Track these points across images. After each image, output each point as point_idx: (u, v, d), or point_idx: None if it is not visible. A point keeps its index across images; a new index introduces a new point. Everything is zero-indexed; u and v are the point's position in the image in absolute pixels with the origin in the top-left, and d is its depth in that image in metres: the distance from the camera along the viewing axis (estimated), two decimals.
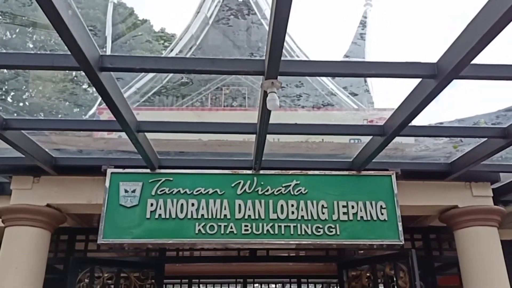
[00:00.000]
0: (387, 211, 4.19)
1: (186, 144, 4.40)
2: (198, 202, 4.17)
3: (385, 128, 3.49)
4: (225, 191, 4.23)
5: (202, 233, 4.09)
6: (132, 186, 4.15)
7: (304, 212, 4.19)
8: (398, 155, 4.33)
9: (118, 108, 2.91)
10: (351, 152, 4.32)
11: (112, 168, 4.19)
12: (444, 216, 4.52)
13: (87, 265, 4.52)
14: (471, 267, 4.23)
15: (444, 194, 4.46)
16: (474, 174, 4.40)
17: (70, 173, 4.28)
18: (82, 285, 4.43)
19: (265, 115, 3.06)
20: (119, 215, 4.07)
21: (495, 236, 4.30)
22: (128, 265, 4.85)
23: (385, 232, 4.14)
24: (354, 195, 4.24)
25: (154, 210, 4.11)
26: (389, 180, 4.27)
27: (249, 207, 4.20)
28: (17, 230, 4.09)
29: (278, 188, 4.27)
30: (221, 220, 4.14)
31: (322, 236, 4.14)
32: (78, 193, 4.28)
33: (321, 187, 4.28)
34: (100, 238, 3.99)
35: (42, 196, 4.23)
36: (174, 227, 4.08)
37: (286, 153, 4.50)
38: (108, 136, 4.29)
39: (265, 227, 4.14)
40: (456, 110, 27.75)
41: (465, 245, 4.33)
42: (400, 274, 4.40)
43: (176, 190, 4.19)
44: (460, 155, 4.13)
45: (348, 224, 4.16)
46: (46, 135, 4.03)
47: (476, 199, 4.42)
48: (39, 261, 4.10)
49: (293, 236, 4.14)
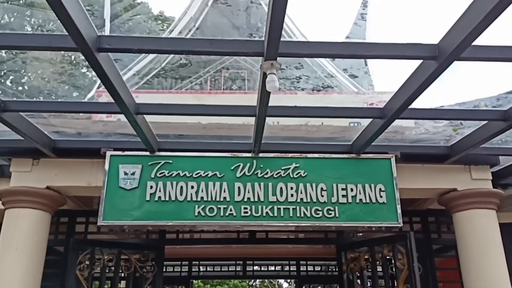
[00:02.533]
0: (386, 194, 4.20)
1: (186, 127, 4.39)
2: (198, 184, 4.18)
3: (385, 110, 3.48)
4: (225, 173, 4.24)
5: (202, 215, 4.11)
6: (132, 168, 4.15)
7: (303, 195, 4.21)
8: (398, 138, 4.32)
9: (117, 90, 2.89)
10: (351, 135, 4.32)
11: (112, 150, 4.18)
12: (443, 199, 4.54)
13: (87, 247, 4.55)
14: (469, 249, 4.27)
15: (443, 177, 4.47)
16: (474, 157, 4.41)
17: (70, 155, 4.28)
18: (83, 267, 4.46)
19: (264, 97, 3.04)
20: (119, 197, 4.08)
21: (494, 218, 4.33)
22: (128, 247, 4.89)
23: (384, 214, 4.16)
24: (353, 178, 4.25)
25: (154, 193, 4.12)
26: (389, 163, 4.28)
27: (249, 189, 4.21)
28: (17, 212, 4.11)
29: (278, 171, 4.27)
30: (220, 202, 4.16)
31: (321, 219, 4.16)
32: (77, 175, 4.29)
33: (321, 170, 4.29)
34: (100, 220, 4.01)
35: (42, 179, 4.24)
36: (174, 209, 4.10)
37: (286, 136, 4.49)
38: (107, 119, 4.28)
39: (264, 210, 4.16)
40: (456, 94, 27.61)
41: (464, 228, 4.36)
42: (398, 256, 4.44)
43: (176, 173, 4.19)
44: (460, 138, 4.12)
45: (347, 207, 4.18)
46: (45, 118, 4.02)
47: (475, 182, 4.43)
48: (39, 242, 4.12)
49: (292, 219, 4.16)
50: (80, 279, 4.41)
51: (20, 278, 3.92)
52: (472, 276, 4.21)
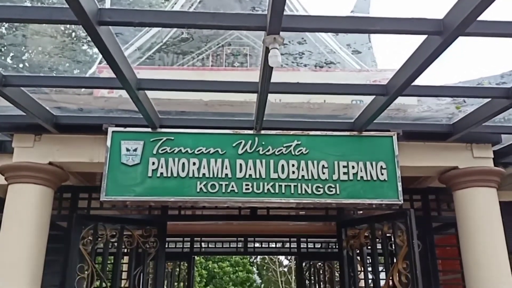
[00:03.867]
0: (387, 171, 4.22)
1: (187, 103, 4.39)
2: (200, 161, 4.20)
3: (388, 87, 3.46)
4: (226, 150, 4.25)
5: (204, 192, 4.14)
6: (134, 144, 4.16)
7: (305, 172, 4.22)
8: (400, 116, 4.31)
9: (118, 64, 2.87)
10: (353, 113, 4.31)
11: (113, 126, 4.18)
12: (444, 177, 4.55)
13: (90, 222, 4.60)
14: (469, 227, 4.30)
15: (444, 155, 4.47)
16: (476, 135, 4.40)
17: (72, 131, 4.29)
18: (86, 242, 4.52)
19: (266, 73, 3.02)
20: (121, 173, 4.10)
21: (494, 197, 4.35)
22: (130, 223, 4.94)
23: (384, 192, 4.18)
24: (354, 156, 4.26)
25: (156, 169, 4.14)
26: (390, 140, 4.28)
27: (250, 166, 4.23)
28: (20, 188, 4.14)
29: (279, 148, 4.28)
30: (222, 179, 4.18)
31: (322, 196, 4.19)
32: (79, 151, 4.30)
33: (322, 148, 4.29)
34: (103, 196, 4.04)
35: (44, 154, 4.26)
36: (176, 186, 4.13)
37: (288, 113, 4.49)
38: (109, 95, 4.26)
39: (265, 186, 4.18)
40: (460, 73, 27.32)
41: (464, 205, 4.38)
42: (398, 233, 4.48)
43: (178, 149, 4.20)
44: (462, 116, 4.11)
45: (348, 184, 4.20)
46: (47, 93, 4.01)
47: (477, 160, 4.44)
48: (42, 217, 4.17)
49: (293, 195, 4.18)
50: (84, 253, 4.47)
51: (24, 252, 3.98)
52: (471, 253, 4.25)
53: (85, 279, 4.49)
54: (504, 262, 4.18)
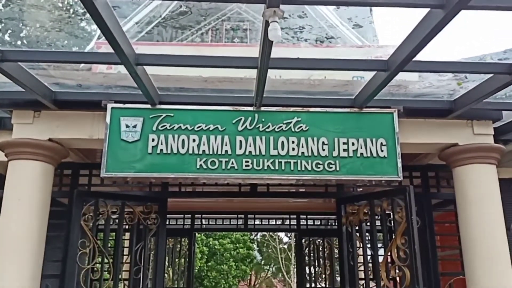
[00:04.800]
0: (387, 148, 4.22)
1: (187, 80, 4.34)
2: (199, 138, 4.19)
3: (389, 62, 3.43)
4: (226, 127, 4.24)
5: (204, 168, 4.15)
6: (133, 121, 4.15)
7: (305, 149, 4.22)
8: (401, 92, 4.28)
9: (116, 39, 2.84)
10: (354, 89, 4.28)
11: (112, 103, 4.17)
12: (444, 154, 4.55)
13: (91, 198, 4.62)
14: (468, 203, 4.32)
15: (445, 132, 4.46)
16: (477, 112, 4.38)
17: (71, 107, 4.27)
18: (87, 217, 4.55)
19: (266, 47, 2.99)
20: (121, 149, 4.10)
21: (493, 173, 4.36)
22: (131, 199, 4.97)
23: (384, 168, 4.19)
24: (355, 132, 4.25)
25: (156, 145, 4.14)
26: (391, 117, 4.26)
27: (250, 143, 4.23)
28: (20, 164, 4.15)
29: (279, 125, 4.27)
30: (222, 155, 4.18)
31: (322, 172, 4.20)
32: (79, 128, 4.30)
33: (322, 124, 4.28)
34: (103, 172, 4.05)
35: (44, 131, 4.25)
36: (176, 162, 4.14)
37: (288, 90, 4.45)
38: (107, 71, 4.23)
39: (265, 163, 4.19)
40: (462, 50, 27.08)
41: (463, 182, 4.40)
42: (397, 210, 4.50)
43: (177, 126, 4.20)
44: (463, 92, 4.08)
45: (348, 161, 4.20)
46: (45, 69, 3.97)
47: (477, 137, 4.43)
48: (43, 193, 4.19)
49: (293, 172, 4.20)
50: (85, 229, 4.51)
51: (25, 227, 4.02)
52: (469, 229, 4.29)
53: (87, 254, 4.55)
54: (501, 238, 4.21)
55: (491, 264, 4.14)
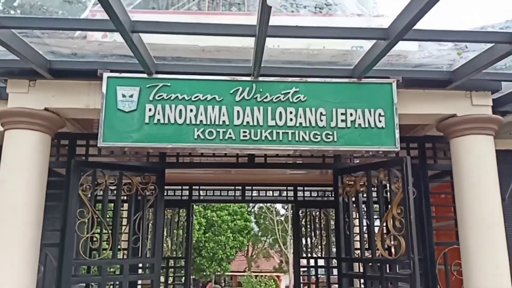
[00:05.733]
0: (385, 118, 4.20)
1: (183, 49, 4.28)
2: (197, 108, 4.17)
3: (389, 31, 3.38)
4: (224, 97, 4.21)
5: (201, 139, 4.14)
6: (130, 91, 4.11)
7: (303, 119, 4.21)
8: (401, 62, 4.24)
9: (110, 4, 2.77)
10: (353, 59, 4.23)
11: (108, 72, 4.11)
12: (441, 125, 4.55)
13: (88, 168, 4.63)
14: (464, 174, 4.34)
15: (443, 103, 4.44)
16: (476, 82, 4.36)
17: (66, 76, 4.22)
18: (85, 187, 4.57)
19: (264, 14, 2.93)
20: (118, 119, 4.08)
21: (491, 144, 4.36)
22: (129, 169, 4.98)
23: (382, 139, 4.19)
24: (353, 103, 4.23)
25: (153, 115, 4.12)
26: (390, 88, 4.23)
27: (248, 113, 4.20)
28: (16, 134, 4.13)
29: (277, 95, 4.24)
30: (219, 126, 4.17)
31: (319, 143, 4.20)
32: (75, 97, 4.26)
33: (321, 95, 4.26)
34: (100, 142, 4.03)
35: (39, 100, 4.21)
36: (173, 132, 4.12)
37: (286, 60, 4.40)
38: (103, 39, 4.15)
39: (263, 134, 4.18)
40: (463, 20, 26.73)
41: (460, 153, 4.41)
42: (394, 180, 4.53)
43: (174, 96, 4.16)
44: (463, 62, 4.05)
45: (345, 131, 4.20)
46: (39, 37, 3.90)
47: (475, 108, 4.41)
48: (40, 163, 4.18)
49: (290, 143, 4.19)
50: (83, 199, 4.53)
51: (23, 196, 4.02)
52: (465, 199, 4.32)
53: (86, 223, 4.59)
54: (496, 209, 4.25)
55: (485, 234, 4.19)
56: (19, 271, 3.93)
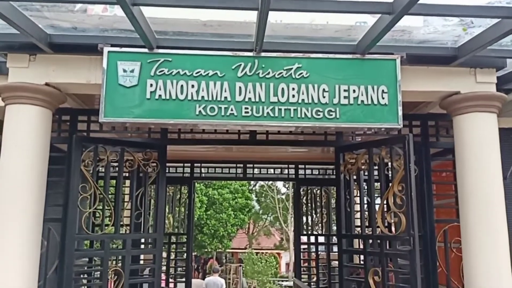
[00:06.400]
0: (388, 95, 4.17)
1: (184, 23, 4.21)
2: (198, 83, 4.13)
3: (394, 5, 3.32)
4: (226, 73, 4.17)
5: (203, 115, 4.12)
6: (131, 65, 4.07)
7: (305, 96, 4.18)
8: (405, 38, 4.17)
9: None
10: (357, 35, 4.17)
11: (109, 46, 4.07)
12: (445, 102, 4.52)
13: (90, 144, 4.62)
14: (466, 151, 4.34)
15: (447, 80, 4.41)
16: (480, 59, 4.31)
17: (67, 51, 4.18)
18: (87, 163, 4.57)
19: None
20: (119, 94, 4.05)
21: (494, 122, 4.34)
22: (131, 145, 4.98)
23: (384, 116, 4.16)
24: (356, 79, 4.19)
25: (154, 91, 4.09)
26: (393, 64, 4.19)
27: (250, 90, 4.17)
28: (17, 108, 4.11)
29: (280, 71, 4.20)
30: (221, 102, 4.14)
31: (321, 120, 4.18)
32: (76, 72, 4.23)
33: (323, 71, 4.21)
34: (102, 117, 4.02)
35: (40, 75, 4.18)
36: (175, 108, 4.10)
37: (289, 35, 4.33)
38: (103, 13, 4.09)
39: (265, 110, 4.16)
40: None
41: (463, 130, 4.39)
42: (395, 158, 4.53)
43: (176, 71, 4.12)
44: (469, 39, 3.99)
45: (348, 108, 4.17)
46: (39, 10, 3.84)
47: (479, 85, 4.38)
48: (41, 138, 4.17)
49: (292, 119, 4.17)
50: (86, 174, 4.55)
51: (25, 171, 4.04)
52: (467, 177, 4.33)
53: (88, 198, 4.61)
54: (498, 186, 4.26)
55: (485, 211, 4.21)
56: (22, 246, 3.97)
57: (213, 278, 10.78)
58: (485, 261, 4.14)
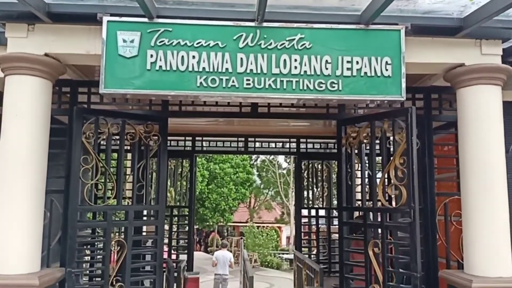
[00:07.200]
0: (392, 67, 4.12)
1: None
2: (199, 54, 4.08)
3: None
4: (227, 44, 4.11)
5: (204, 86, 4.08)
6: (130, 35, 4.01)
7: (307, 67, 4.13)
8: (410, 8, 4.09)
9: None
10: (361, 5, 4.08)
11: (108, 16, 4.00)
12: (449, 74, 4.46)
13: (91, 115, 4.59)
14: (469, 124, 4.30)
15: (452, 51, 4.34)
16: (486, 30, 4.23)
17: (65, 21, 4.11)
18: (88, 135, 4.55)
19: None
20: (119, 65, 4.00)
21: (498, 95, 4.30)
22: (132, 117, 4.94)
23: (387, 88, 4.12)
24: (359, 50, 4.13)
25: (155, 62, 4.04)
26: (398, 35, 4.11)
27: (251, 61, 4.12)
28: (17, 79, 4.07)
29: (282, 42, 4.13)
30: (222, 73, 4.10)
31: (324, 92, 4.14)
32: (75, 42, 4.17)
33: (326, 42, 4.15)
34: (102, 88, 3.98)
35: (39, 45, 4.12)
36: (176, 79, 4.06)
37: (292, 4, 4.25)
38: None
39: (267, 82, 4.12)
40: None
41: (466, 103, 4.34)
42: (398, 131, 4.50)
43: (176, 42, 4.06)
44: (475, 9, 3.91)
45: (351, 80, 4.13)
46: None
47: (484, 57, 4.31)
48: (42, 109, 4.15)
49: (294, 91, 4.14)
50: (87, 146, 4.53)
51: (27, 142, 4.02)
52: (469, 149, 4.31)
53: (90, 170, 4.62)
54: (499, 159, 4.25)
55: (486, 184, 4.20)
56: (26, 217, 3.99)
57: (222, 252, 12.25)
58: (485, 234, 4.16)
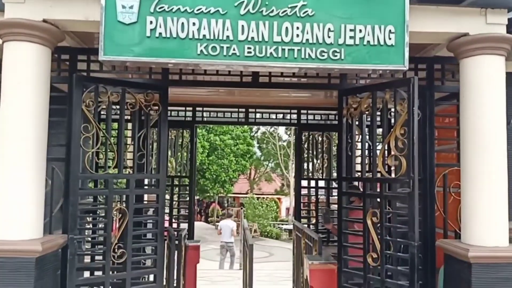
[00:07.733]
0: (395, 36, 4.06)
1: None
2: (200, 21, 4.01)
3: None
4: (228, 10, 4.03)
5: (205, 54, 4.03)
6: (130, 1, 3.93)
7: (310, 36, 4.07)
8: None
9: None
10: None
11: None
12: (452, 44, 4.40)
13: (91, 83, 4.55)
14: (471, 94, 4.28)
15: (456, 20, 4.27)
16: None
17: None
18: (88, 103, 4.53)
19: None
20: (118, 32, 3.94)
21: (502, 65, 4.25)
22: (132, 85, 4.91)
23: (390, 57, 4.07)
24: (363, 19, 4.06)
25: (154, 28, 3.97)
26: (402, 2, 4.04)
27: (253, 28, 4.05)
28: (15, 46, 4.01)
29: (284, 9, 4.06)
30: (223, 41, 4.04)
31: (326, 61, 4.10)
32: (73, 8, 4.09)
33: (329, 9, 4.07)
34: (101, 55, 3.94)
35: (37, 11, 4.05)
36: (176, 47, 4.01)
37: None
38: None
39: (268, 50, 4.07)
40: None
41: (469, 73, 4.30)
42: (399, 101, 4.47)
43: (176, 8, 3.98)
44: None
45: (353, 49, 4.08)
46: None
47: (489, 26, 4.24)
48: (41, 76, 4.11)
49: (296, 60, 4.09)
50: (87, 114, 4.52)
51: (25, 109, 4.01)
52: (470, 119, 4.30)
53: (90, 138, 4.62)
54: (500, 131, 4.24)
55: (486, 156, 4.21)
56: (27, 183, 4.02)
57: (226, 221, 13.36)
58: (483, 204, 4.19)
